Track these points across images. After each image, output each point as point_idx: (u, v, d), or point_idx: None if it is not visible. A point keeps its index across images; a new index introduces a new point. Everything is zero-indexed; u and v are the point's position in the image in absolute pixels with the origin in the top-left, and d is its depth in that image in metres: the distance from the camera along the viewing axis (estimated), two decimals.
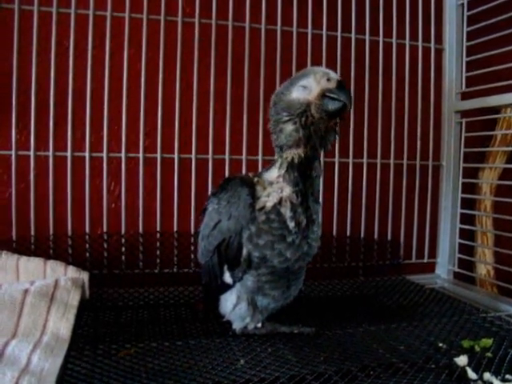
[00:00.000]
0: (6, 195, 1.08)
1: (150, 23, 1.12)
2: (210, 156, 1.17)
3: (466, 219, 1.33)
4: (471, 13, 1.27)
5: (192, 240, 1.15)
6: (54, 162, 1.08)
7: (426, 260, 1.34)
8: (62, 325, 0.75)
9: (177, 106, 1.14)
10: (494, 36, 1.17)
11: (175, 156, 1.15)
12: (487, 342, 0.77)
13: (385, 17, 1.27)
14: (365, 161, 1.28)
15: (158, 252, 1.14)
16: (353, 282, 1.19)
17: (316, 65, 1.05)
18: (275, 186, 0.75)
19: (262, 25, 1.18)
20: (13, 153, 1.05)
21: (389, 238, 1.30)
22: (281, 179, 0.75)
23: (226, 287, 0.80)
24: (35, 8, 1.04)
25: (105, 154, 1.11)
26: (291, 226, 0.74)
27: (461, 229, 1.31)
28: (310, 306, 1.00)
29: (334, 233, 1.26)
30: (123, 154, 1.12)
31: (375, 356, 0.73)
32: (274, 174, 0.77)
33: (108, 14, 1.09)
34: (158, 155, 1.14)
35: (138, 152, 1.13)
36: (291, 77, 0.79)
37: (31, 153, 1.06)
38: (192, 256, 1.15)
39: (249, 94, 1.18)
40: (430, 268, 1.35)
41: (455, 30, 1.30)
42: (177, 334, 0.81)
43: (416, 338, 0.81)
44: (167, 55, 1.13)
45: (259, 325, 0.81)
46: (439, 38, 1.33)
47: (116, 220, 1.13)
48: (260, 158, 1.19)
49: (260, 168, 1.16)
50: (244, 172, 1.18)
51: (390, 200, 1.30)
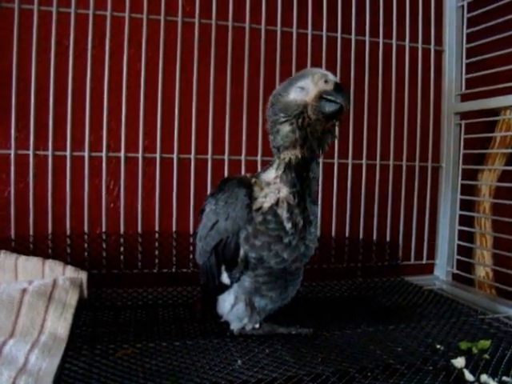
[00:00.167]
0: (5, 194, 1.08)
1: (149, 23, 1.12)
2: (210, 156, 1.17)
3: (465, 221, 1.33)
4: (471, 15, 1.27)
5: (191, 240, 1.15)
6: (53, 161, 1.08)
7: (424, 261, 1.34)
8: (59, 324, 0.75)
9: (176, 107, 1.14)
10: (493, 38, 1.16)
11: (174, 156, 1.15)
12: (485, 343, 0.77)
13: (385, 18, 1.27)
14: (364, 162, 1.28)
15: (156, 252, 1.14)
16: (351, 283, 1.20)
17: (316, 66, 1.05)
18: (272, 187, 0.75)
19: (262, 25, 1.18)
20: (12, 152, 1.05)
21: (387, 239, 1.30)
22: (278, 180, 0.75)
23: (224, 288, 0.80)
24: (35, 7, 1.04)
25: (104, 154, 1.11)
26: (288, 226, 0.74)
27: (460, 230, 1.31)
28: (308, 307, 1.00)
29: (333, 234, 1.26)
30: (122, 154, 1.12)
31: (373, 357, 0.73)
32: (271, 174, 0.77)
33: (108, 13, 1.09)
34: (158, 155, 1.14)
35: (137, 152, 1.13)
36: (290, 77, 0.79)
37: (30, 152, 1.06)
38: (191, 256, 1.15)
39: (248, 94, 1.18)
40: (429, 269, 1.35)
41: (455, 31, 1.30)
42: (175, 335, 0.81)
43: (414, 340, 0.81)
44: (167, 55, 1.13)
45: (257, 325, 0.81)
46: (439, 40, 1.33)
47: (115, 220, 1.13)
48: (259, 158, 1.19)
49: (259, 168, 1.17)
50: (243, 172, 1.18)
51: (389, 201, 1.30)
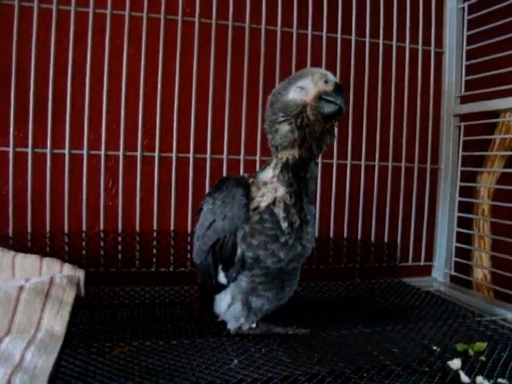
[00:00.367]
0: (3, 192, 1.08)
1: (149, 21, 1.12)
2: (208, 155, 1.17)
3: (464, 223, 1.33)
4: (472, 17, 1.27)
5: (189, 239, 1.15)
6: (51, 159, 1.08)
7: (422, 263, 1.34)
8: (56, 322, 0.75)
9: (175, 106, 1.14)
10: (494, 40, 1.17)
11: (173, 155, 1.15)
12: (481, 345, 0.77)
13: (385, 19, 1.27)
14: (363, 163, 1.28)
15: (154, 251, 1.14)
16: (349, 284, 1.20)
17: (315, 66, 1.05)
18: (269, 187, 0.75)
19: (262, 25, 1.18)
20: (10, 149, 1.05)
21: (386, 240, 1.30)
22: (275, 179, 0.75)
23: (221, 287, 0.80)
24: (35, 5, 1.04)
25: (103, 152, 1.11)
26: (284, 226, 0.74)
27: (458, 232, 1.31)
28: (306, 307, 1.00)
29: (331, 234, 1.26)
30: (121, 153, 1.12)
31: (369, 358, 0.73)
32: (268, 174, 0.77)
33: (108, 11, 1.09)
34: (156, 154, 1.14)
35: (135, 151, 1.13)
36: (289, 76, 0.78)
37: (29, 150, 1.06)
38: (188, 255, 1.15)
39: (248, 94, 1.18)
40: (427, 271, 1.35)
41: (455, 33, 1.30)
42: (171, 333, 0.81)
43: (410, 341, 0.81)
44: (166, 54, 1.13)
45: (254, 325, 0.81)
46: (439, 42, 1.33)
47: (113, 218, 1.13)
48: (258, 158, 1.19)
49: (257, 168, 1.16)
50: (241, 172, 1.18)
51: (387, 202, 1.30)
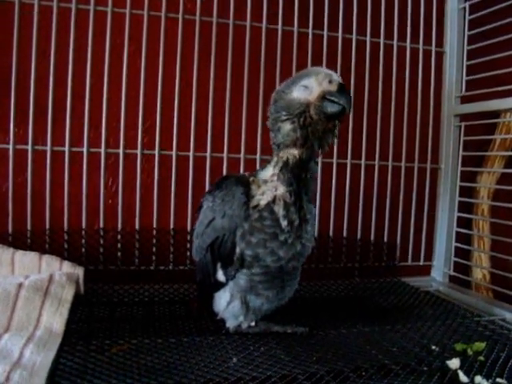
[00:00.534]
0: (2, 189, 1.08)
1: (150, 19, 1.12)
2: (208, 154, 1.17)
3: (463, 223, 1.33)
4: (473, 17, 1.27)
5: (188, 237, 1.15)
6: (51, 156, 1.08)
7: (421, 263, 1.34)
8: (55, 319, 0.75)
9: (176, 104, 1.14)
10: (494, 40, 1.17)
11: (173, 153, 1.15)
12: (480, 345, 0.77)
13: (386, 18, 1.27)
14: (363, 162, 1.28)
15: (153, 249, 1.14)
16: (348, 283, 1.19)
17: (316, 65, 1.05)
18: (269, 185, 0.75)
19: (263, 24, 1.18)
20: (10, 147, 1.05)
21: (385, 239, 1.30)
22: (275, 178, 0.75)
23: (220, 285, 0.79)
24: (36, 2, 1.04)
25: (103, 150, 1.11)
26: (284, 224, 0.74)
27: (457, 232, 1.31)
28: (305, 306, 1.00)
29: (331, 233, 1.26)
30: (121, 150, 1.12)
31: (368, 357, 0.73)
32: (268, 172, 0.77)
33: (109, 9, 1.09)
34: (156, 152, 1.14)
35: (136, 148, 1.13)
36: (292, 76, 0.78)
37: (29, 147, 1.06)
38: (188, 254, 1.15)
39: (248, 93, 1.18)
40: (426, 271, 1.35)
41: (456, 33, 1.30)
42: (170, 331, 0.81)
43: (409, 340, 0.81)
44: (167, 52, 1.13)
45: (253, 323, 0.81)
46: (440, 41, 1.33)
47: (113, 216, 1.13)
48: (258, 157, 1.19)
49: (257, 167, 1.16)
50: (242, 171, 1.18)
51: (387, 202, 1.30)
